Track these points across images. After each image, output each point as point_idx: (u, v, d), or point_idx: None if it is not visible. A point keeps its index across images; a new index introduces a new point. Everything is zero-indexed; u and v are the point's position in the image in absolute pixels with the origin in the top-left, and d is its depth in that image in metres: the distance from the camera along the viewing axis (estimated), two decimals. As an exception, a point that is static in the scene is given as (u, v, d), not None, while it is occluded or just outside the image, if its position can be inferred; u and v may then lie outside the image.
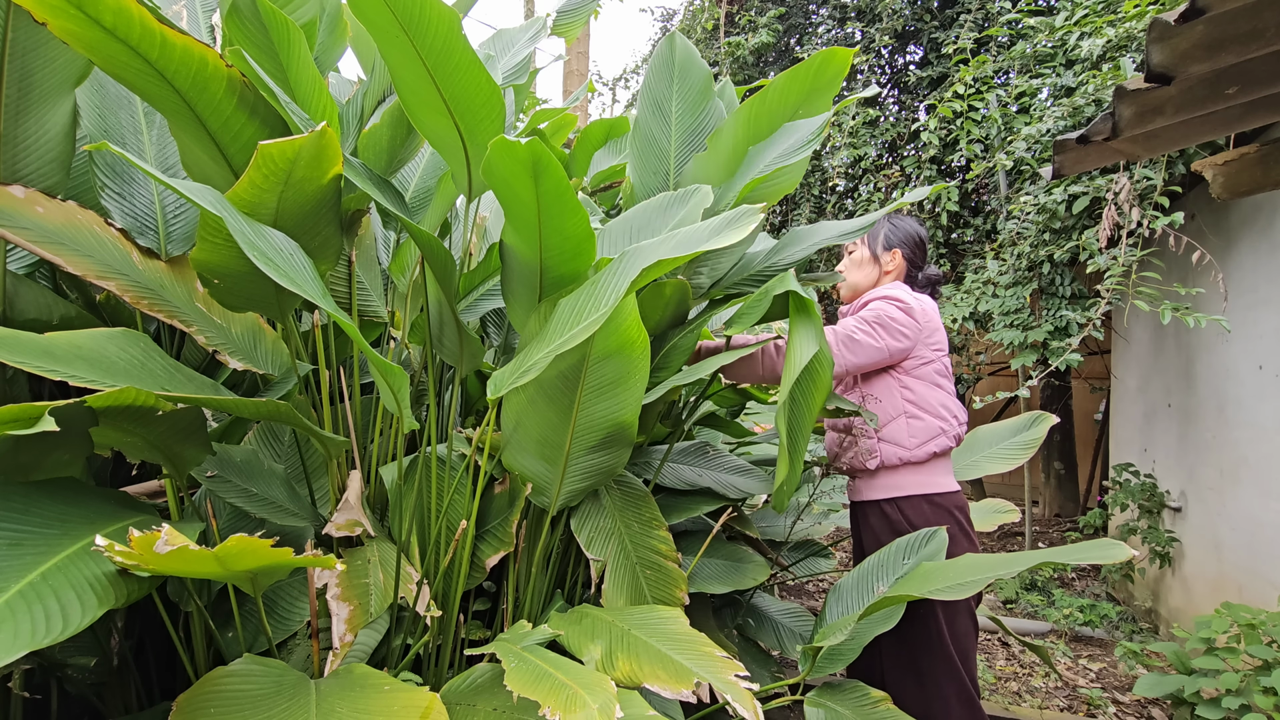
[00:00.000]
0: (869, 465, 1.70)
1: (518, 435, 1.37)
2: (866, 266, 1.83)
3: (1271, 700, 2.04)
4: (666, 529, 1.50)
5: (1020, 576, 4.22)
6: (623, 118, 2.29)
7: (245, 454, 1.29)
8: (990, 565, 1.29)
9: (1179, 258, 3.33)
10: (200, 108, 1.07)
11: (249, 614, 1.27)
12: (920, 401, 1.69)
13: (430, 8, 1.05)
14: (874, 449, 1.70)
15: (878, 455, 1.69)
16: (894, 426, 1.69)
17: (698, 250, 1.06)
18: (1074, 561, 1.18)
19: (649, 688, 1.05)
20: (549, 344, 1.11)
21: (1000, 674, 3.11)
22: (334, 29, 1.62)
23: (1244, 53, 1.64)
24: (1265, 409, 2.81)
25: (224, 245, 1.05)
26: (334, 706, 0.91)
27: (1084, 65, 3.85)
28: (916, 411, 1.69)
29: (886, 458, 1.68)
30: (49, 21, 0.91)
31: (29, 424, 0.74)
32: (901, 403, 1.69)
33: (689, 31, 6.76)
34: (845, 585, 1.56)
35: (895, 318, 1.66)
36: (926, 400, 1.69)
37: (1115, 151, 2.30)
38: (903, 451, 1.67)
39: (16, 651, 0.67)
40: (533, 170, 1.08)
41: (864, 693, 1.43)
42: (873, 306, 1.71)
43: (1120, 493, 3.80)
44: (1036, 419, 2.06)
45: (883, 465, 1.69)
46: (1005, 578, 2.30)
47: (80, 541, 0.84)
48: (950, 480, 1.72)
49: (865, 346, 1.65)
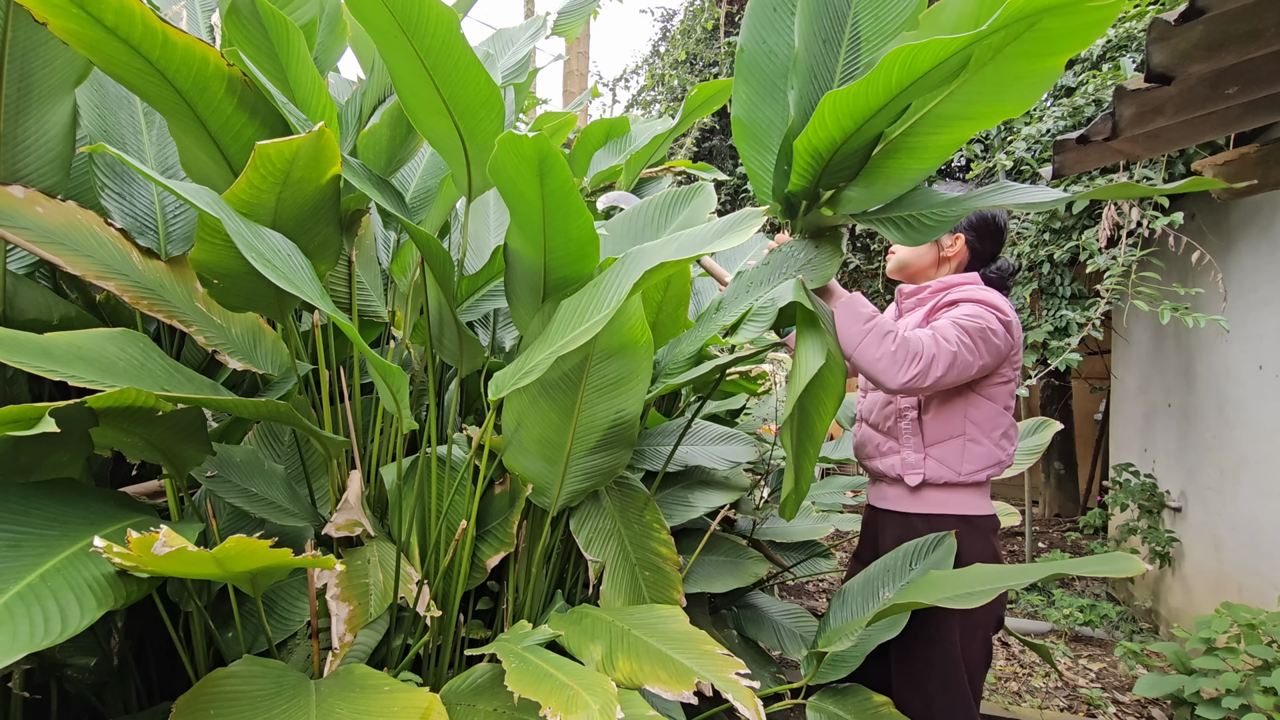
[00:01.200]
0: (909, 481, 1.55)
1: (519, 435, 1.37)
2: (924, 246, 1.57)
3: (1271, 700, 2.04)
4: (668, 532, 1.50)
5: (1020, 576, 4.21)
6: (623, 118, 2.29)
7: (245, 454, 1.29)
8: (1000, 576, 1.26)
9: (1179, 258, 3.33)
10: (201, 108, 1.07)
11: (249, 614, 1.27)
12: (984, 425, 1.51)
13: (429, 8, 1.04)
14: (919, 465, 1.54)
15: (921, 473, 1.53)
16: (948, 446, 1.52)
17: (701, 252, 1.06)
18: (1086, 574, 1.16)
19: (650, 689, 1.05)
20: (550, 345, 1.11)
21: (1000, 674, 3.11)
22: (334, 29, 1.62)
23: (1244, 53, 1.64)
24: (1265, 409, 2.81)
25: (223, 245, 1.05)
26: (334, 707, 0.91)
27: (1084, 65, 3.85)
28: (978, 435, 1.51)
29: (931, 477, 1.53)
30: (50, 21, 0.91)
31: (29, 425, 0.74)
32: (964, 422, 1.51)
33: (689, 31, 6.76)
34: (850, 589, 1.53)
35: (996, 331, 1.44)
36: (991, 424, 1.52)
37: (1115, 151, 2.30)
38: (950, 475, 1.52)
39: (15, 654, 0.67)
40: (539, 168, 1.08)
41: (866, 697, 1.42)
42: (973, 313, 1.46)
43: (1120, 493, 3.80)
44: (1041, 425, 2.06)
45: (926, 483, 1.54)
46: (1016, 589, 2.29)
47: (79, 543, 0.83)
48: (989, 504, 1.57)
49: (963, 364, 1.41)
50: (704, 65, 6.48)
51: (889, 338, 1.36)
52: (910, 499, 1.57)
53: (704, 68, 6.48)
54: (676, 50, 6.68)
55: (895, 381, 1.36)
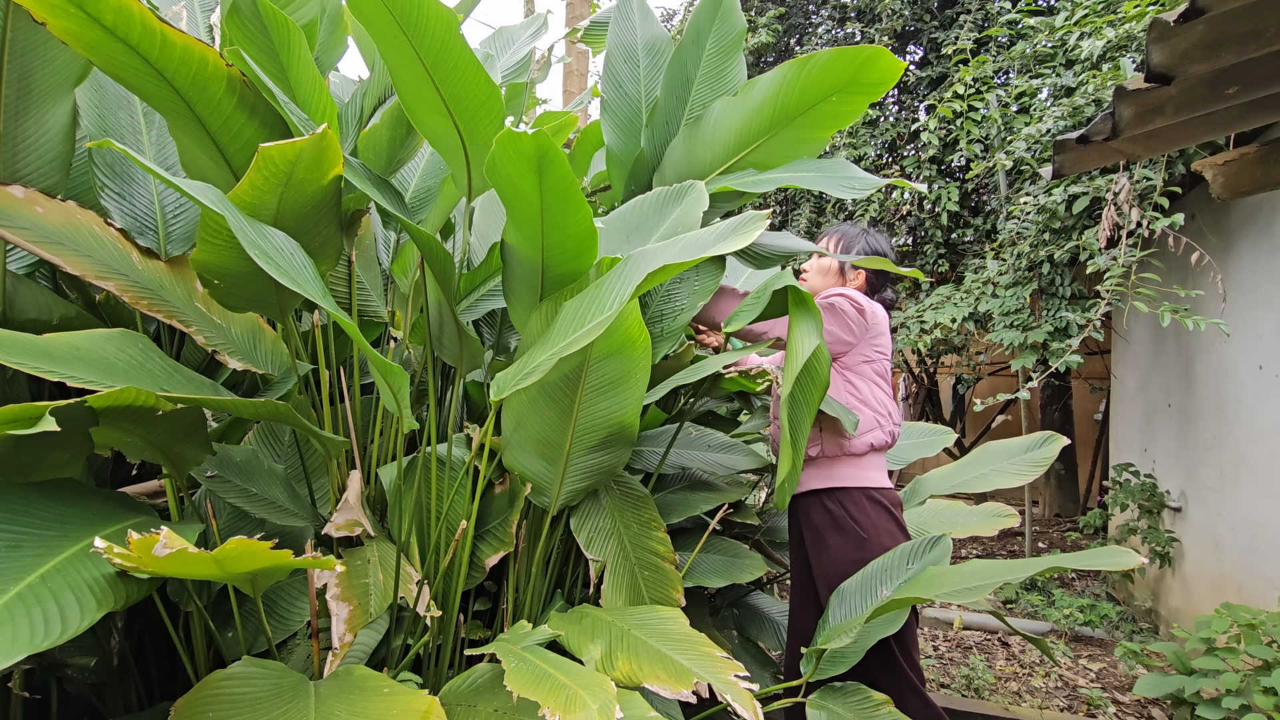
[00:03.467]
0: (809, 453, 1.73)
1: (518, 435, 1.37)
2: (831, 276, 1.87)
3: (1271, 700, 2.04)
4: (665, 530, 1.50)
5: (1020, 576, 4.21)
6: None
7: (245, 454, 1.29)
8: (997, 571, 1.28)
9: (1179, 258, 3.33)
10: (200, 108, 1.07)
11: (249, 614, 1.27)
12: (861, 396, 1.76)
13: (428, 8, 1.05)
14: (815, 437, 1.73)
15: (819, 443, 1.73)
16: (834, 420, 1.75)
17: (703, 256, 1.06)
18: (1082, 568, 1.17)
19: (649, 688, 1.05)
20: (552, 346, 1.11)
21: (1000, 674, 3.11)
22: (334, 29, 1.62)
23: (1244, 53, 1.64)
24: (1265, 409, 2.82)
25: (224, 245, 1.05)
26: (333, 710, 0.90)
27: (1084, 65, 3.85)
28: (858, 405, 1.75)
29: (827, 447, 1.73)
30: (49, 21, 0.91)
31: (30, 424, 0.74)
32: (846, 396, 1.75)
33: (689, 31, 6.77)
34: (849, 588, 1.55)
35: (845, 310, 1.72)
36: (867, 396, 1.76)
37: (1115, 151, 2.30)
38: (843, 440, 1.72)
39: (16, 655, 0.67)
40: (538, 164, 1.08)
41: (865, 695, 1.42)
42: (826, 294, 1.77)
43: (1120, 493, 3.80)
44: (1048, 439, 2.06)
45: (823, 454, 1.73)
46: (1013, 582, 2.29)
47: (79, 543, 0.83)
48: (886, 477, 1.77)
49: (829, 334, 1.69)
50: (704, 65, 6.50)
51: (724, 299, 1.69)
52: (814, 475, 1.75)
53: (704, 68, 6.50)
54: (676, 50, 6.69)
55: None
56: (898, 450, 2.22)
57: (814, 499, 1.75)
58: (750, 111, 1.56)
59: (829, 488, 1.73)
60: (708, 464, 1.82)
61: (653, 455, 1.79)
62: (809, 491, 1.76)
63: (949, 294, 4.40)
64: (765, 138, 1.58)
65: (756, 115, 1.55)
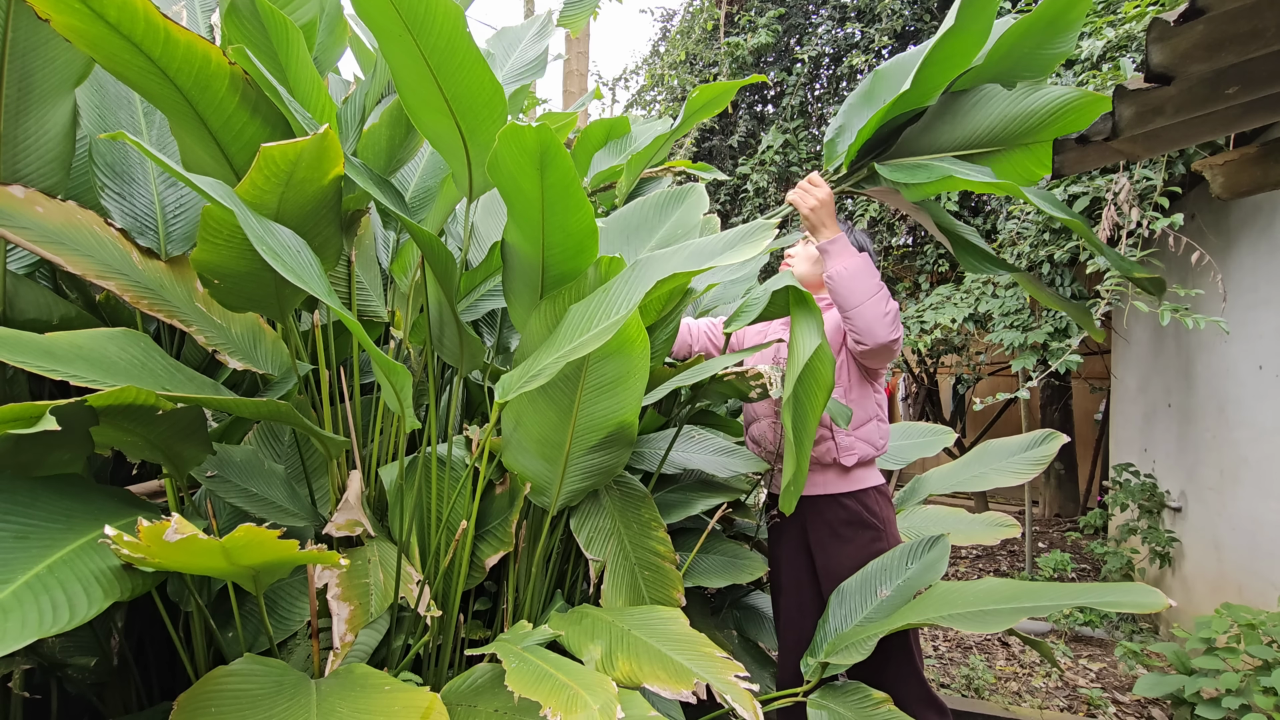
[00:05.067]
0: (844, 462, 1.76)
1: (518, 435, 1.37)
2: (818, 264, 1.85)
3: (1271, 700, 2.04)
4: (665, 530, 1.50)
5: (1020, 575, 4.21)
6: (623, 118, 2.29)
7: (245, 454, 1.29)
8: (1015, 595, 1.28)
9: (1179, 258, 3.33)
10: (202, 106, 1.07)
11: (249, 613, 1.27)
12: (883, 407, 1.86)
13: (435, 6, 1.04)
14: (853, 447, 1.76)
15: (855, 452, 1.76)
16: (868, 428, 1.80)
17: (710, 264, 1.06)
18: (1107, 607, 1.15)
19: (649, 688, 1.05)
20: (558, 350, 1.11)
21: (1000, 674, 3.11)
22: (334, 29, 1.62)
23: (1244, 53, 1.64)
24: (1265, 409, 2.82)
25: (225, 245, 1.05)
26: (334, 706, 0.91)
27: (1084, 65, 3.85)
28: (883, 415, 1.85)
29: (862, 455, 1.77)
30: (52, 17, 0.91)
31: (30, 423, 0.74)
32: (874, 407, 1.81)
33: (688, 32, 6.76)
34: (849, 588, 1.56)
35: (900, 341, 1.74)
36: (884, 408, 1.87)
37: (1115, 151, 2.29)
38: (872, 451, 1.78)
39: (25, 639, 0.68)
40: (540, 160, 1.08)
41: (866, 694, 1.42)
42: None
43: (1120, 493, 3.80)
44: (1048, 437, 2.06)
45: (859, 462, 1.77)
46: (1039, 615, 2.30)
47: (85, 536, 0.84)
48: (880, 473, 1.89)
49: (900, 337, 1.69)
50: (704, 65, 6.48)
51: (889, 301, 1.61)
52: (841, 480, 1.77)
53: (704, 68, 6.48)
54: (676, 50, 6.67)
55: (886, 338, 1.59)
56: (898, 450, 2.22)
57: (828, 500, 1.77)
58: None
59: (852, 490, 1.77)
60: (711, 465, 1.82)
61: (655, 456, 1.79)
62: (825, 494, 1.77)
63: (949, 294, 4.40)
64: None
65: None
